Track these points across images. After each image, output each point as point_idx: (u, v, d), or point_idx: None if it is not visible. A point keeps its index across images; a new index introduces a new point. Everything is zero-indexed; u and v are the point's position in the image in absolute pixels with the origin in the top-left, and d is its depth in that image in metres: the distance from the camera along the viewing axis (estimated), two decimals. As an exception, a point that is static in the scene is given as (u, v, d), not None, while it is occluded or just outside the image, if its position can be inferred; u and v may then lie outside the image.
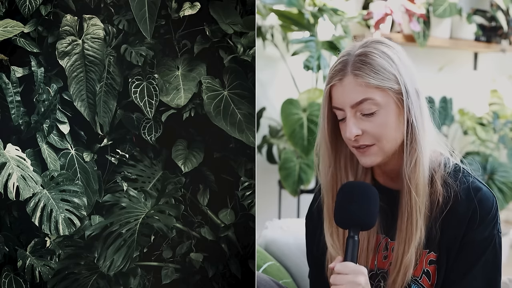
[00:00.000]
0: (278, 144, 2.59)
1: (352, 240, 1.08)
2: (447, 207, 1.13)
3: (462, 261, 1.14)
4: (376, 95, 1.09)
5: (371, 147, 1.11)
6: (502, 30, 3.10)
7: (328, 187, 1.20)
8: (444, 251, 1.15)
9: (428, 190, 1.14)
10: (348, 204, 1.11)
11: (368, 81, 1.09)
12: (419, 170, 1.12)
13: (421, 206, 1.13)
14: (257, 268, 1.59)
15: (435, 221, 1.14)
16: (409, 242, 1.13)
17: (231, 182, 1.56)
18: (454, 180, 1.14)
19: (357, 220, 1.09)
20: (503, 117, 3.26)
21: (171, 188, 1.48)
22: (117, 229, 1.41)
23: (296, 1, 2.38)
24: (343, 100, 1.11)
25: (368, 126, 1.10)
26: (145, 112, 1.46)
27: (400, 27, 2.72)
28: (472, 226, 1.13)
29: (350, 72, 1.10)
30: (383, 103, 1.10)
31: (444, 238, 1.14)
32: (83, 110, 1.45)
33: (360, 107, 1.10)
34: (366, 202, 1.11)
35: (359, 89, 1.09)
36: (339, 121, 1.15)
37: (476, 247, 1.13)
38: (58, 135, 1.48)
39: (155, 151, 1.57)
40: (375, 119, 1.10)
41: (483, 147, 3.14)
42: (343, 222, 1.12)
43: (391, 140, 1.12)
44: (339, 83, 1.11)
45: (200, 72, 1.51)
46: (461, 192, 1.13)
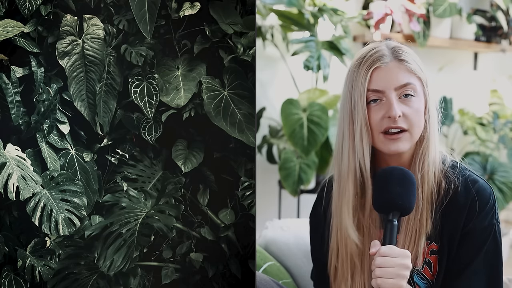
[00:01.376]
0: (278, 144, 2.59)
1: (391, 224, 1.08)
2: (447, 199, 1.17)
3: (463, 251, 1.16)
4: (415, 81, 1.17)
5: (404, 133, 1.15)
6: (502, 30, 3.09)
7: (350, 174, 1.19)
8: (445, 242, 1.17)
9: (433, 179, 1.19)
10: (391, 187, 1.11)
11: (411, 67, 1.16)
12: (431, 163, 1.18)
13: (428, 198, 1.17)
14: (257, 268, 1.59)
15: (436, 212, 1.18)
16: (420, 234, 1.17)
17: (231, 182, 1.56)
18: (453, 173, 1.19)
19: (400, 203, 1.09)
20: (503, 117, 3.26)
21: (171, 188, 1.48)
22: (117, 229, 1.41)
23: (296, 1, 2.38)
24: (388, 82, 1.15)
25: (407, 110, 1.15)
26: (145, 112, 1.46)
27: (400, 27, 2.72)
28: (471, 216, 1.16)
29: (394, 58, 1.17)
30: (419, 90, 1.17)
31: (445, 228, 1.17)
32: (83, 110, 1.45)
33: (402, 90, 1.15)
34: (408, 185, 1.11)
35: (404, 73, 1.16)
36: (369, 105, 1.16)
37: (477, 236, 1.16)
38: (58, 135, 1.48)
39: (155, 151, 1.56)
40: (412, 104, 1.16)
41: (483, 147, 3.14)
42: (384, 206, 1.11)
43: (420, 128, 1.17)
44: (385, 66, 1.16)
45: (200, 72, 1.51)
46: (459, 184, 1.17)
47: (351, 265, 1.22)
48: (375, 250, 1.07)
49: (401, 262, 1.05)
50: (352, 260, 1.22)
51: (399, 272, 1.05)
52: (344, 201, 1.21)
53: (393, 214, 1.09)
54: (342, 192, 1.22)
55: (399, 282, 1.05)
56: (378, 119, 1.15)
